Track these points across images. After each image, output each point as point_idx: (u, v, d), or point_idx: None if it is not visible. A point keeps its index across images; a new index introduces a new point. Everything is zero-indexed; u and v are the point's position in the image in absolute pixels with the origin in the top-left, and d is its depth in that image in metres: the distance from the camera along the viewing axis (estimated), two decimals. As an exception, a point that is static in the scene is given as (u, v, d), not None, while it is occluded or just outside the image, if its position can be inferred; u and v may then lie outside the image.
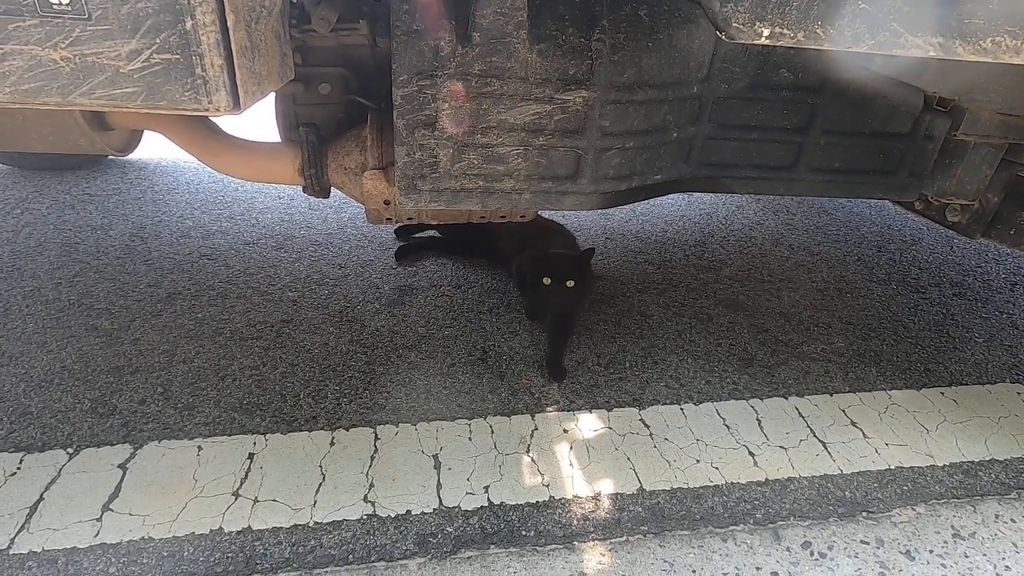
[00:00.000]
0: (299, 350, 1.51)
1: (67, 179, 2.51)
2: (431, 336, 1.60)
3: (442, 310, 1.72)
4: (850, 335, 1.72)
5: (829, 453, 1.28)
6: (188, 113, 0.69)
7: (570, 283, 1.59)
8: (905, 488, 1.21)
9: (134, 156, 2.79)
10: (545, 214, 1.95)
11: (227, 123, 1.98)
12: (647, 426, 1.33)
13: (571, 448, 1.25)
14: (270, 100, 1.47)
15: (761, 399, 1.44)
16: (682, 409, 1.39)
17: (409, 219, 1.27)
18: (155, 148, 2.69)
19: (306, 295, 1.75)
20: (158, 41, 0.65)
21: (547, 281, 1.59)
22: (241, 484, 1.12)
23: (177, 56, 0.66)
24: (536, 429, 1.30)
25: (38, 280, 1.73)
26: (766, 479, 1.21)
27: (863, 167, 1.29)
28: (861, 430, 1.35)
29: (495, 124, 1.02)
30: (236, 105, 0.70)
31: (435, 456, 1.21)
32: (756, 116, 1.19)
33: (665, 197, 2.72)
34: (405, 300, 1.76)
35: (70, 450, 1.17)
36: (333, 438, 1.24)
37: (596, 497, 1.14)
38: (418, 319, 1.67)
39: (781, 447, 1.29)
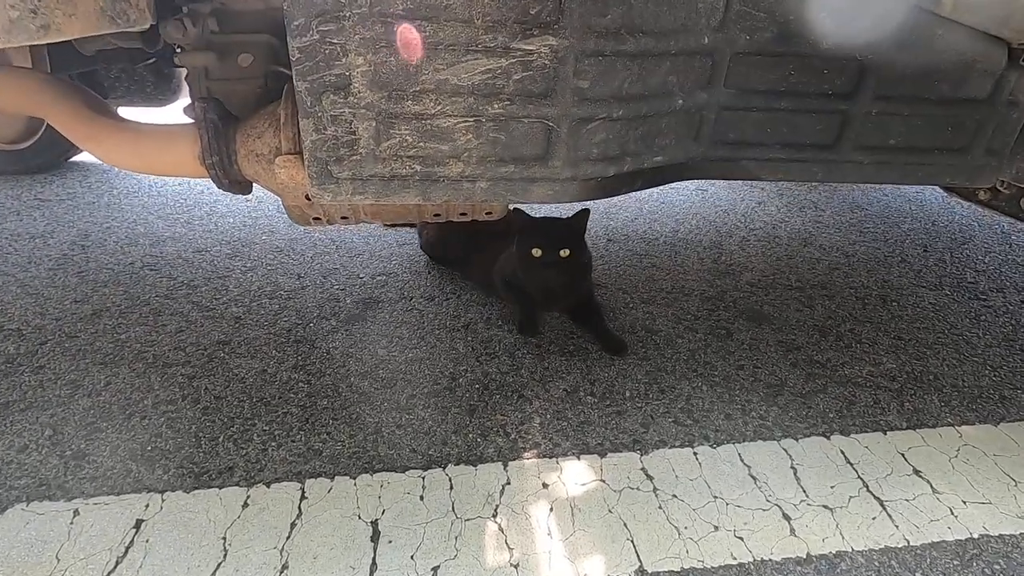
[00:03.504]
0: (230, 379, 1.25)
1: (22, 184, 2.30)
2: (391, 360, 1.33)
3: (409, 327, 1.45)
4: (901, 353, 1.42)
5: (889, 515, 0.99)
6: None
7: (564, 252, 1.31)
8: (996, 568, 0.91)
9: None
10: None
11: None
12: (650, 478, 1.04)
13: (551, 510, 0.97)
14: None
15: (796, 439, 1.14)
16: (695, 453, 1.10)
17: (343, 218, 1.01)
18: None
19: (253, 311, 1.50)
20: None
21: (537, 253, 1.32)
22: (116, 565, 0.86)
23: None
24: (508, 483, 1.02)
25: (-53, 297, 1.51)
26: (808, 554, 0.92)
27: (927, 144, 1.00)
28: (928, 482, 1.05)
29: (432, 87, 0.75)
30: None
31: (374, 523, 0.94)
32: (787, 78, 0.91)
33: (674, 188, 2.43)
34: (367, 315, 1.50)
35: (-87, 517, 0.93)
36: (248, 497, 0.98)
37: (580, 582, 0.86)
38: (379, 339, 1.41)
39: (825, 507, 1.00)
